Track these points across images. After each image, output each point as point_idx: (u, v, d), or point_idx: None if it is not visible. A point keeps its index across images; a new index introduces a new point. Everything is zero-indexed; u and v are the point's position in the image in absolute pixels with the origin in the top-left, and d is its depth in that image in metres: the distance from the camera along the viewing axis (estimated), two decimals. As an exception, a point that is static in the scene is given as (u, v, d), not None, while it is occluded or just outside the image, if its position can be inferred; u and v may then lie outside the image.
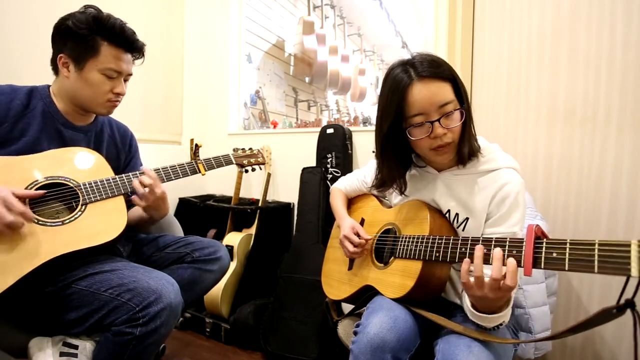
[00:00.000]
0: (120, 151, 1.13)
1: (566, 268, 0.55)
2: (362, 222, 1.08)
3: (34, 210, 0.86)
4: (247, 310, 1.65)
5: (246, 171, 1.36)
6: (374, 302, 0.86)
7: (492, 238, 0.68)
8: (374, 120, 2.47)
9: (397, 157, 0.90)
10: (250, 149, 1.37)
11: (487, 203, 0.82)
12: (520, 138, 1.37)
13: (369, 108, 3.92)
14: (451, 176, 0.88)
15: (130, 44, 0.96)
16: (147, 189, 0.95)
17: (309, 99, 3.45)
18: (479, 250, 0.67)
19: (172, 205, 2.04)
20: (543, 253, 0.58)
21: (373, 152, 1.61)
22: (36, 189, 0.86)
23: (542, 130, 1.32)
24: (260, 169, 1.46)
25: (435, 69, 0.79)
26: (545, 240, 0.59)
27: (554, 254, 0.57)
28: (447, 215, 0.88)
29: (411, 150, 0.91)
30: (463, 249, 0.72)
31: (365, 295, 0.98)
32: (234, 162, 1.26)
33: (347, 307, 1.14)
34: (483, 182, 0.84)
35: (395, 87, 0.81)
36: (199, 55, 2.31)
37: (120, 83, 0.97)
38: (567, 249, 0.55)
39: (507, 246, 0.65)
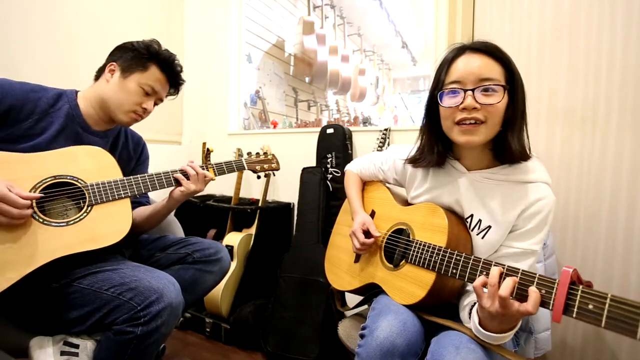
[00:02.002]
0: (132, 159, 1.15)
1: (602, 325, 0.50)
2: (372, 214, 1.04)
3: (43, 207, 0.86)
4: (247, 310, 1.65)
5: (258, 177, 1.29)
6: (380, 303, 0.84)
7: (518, 269, 0.62)
8: (374, 121, 2.48)
9: (435, 131, 0.84)
10: (264, 153, 1.30)
11: (515, 214, 0.77)
12: (520, 138, 1.37)
13: (369, 108, 3.92)
14: (480, 178, 0.82)
15: (173, 76, 1.10)
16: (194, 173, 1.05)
17: (309, 99, 3.45)
18: (511, 281, 0.61)
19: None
20: (577, 302, 0.53)
21: (374, 152, 1.63)
22: (44, 188, 0.86)
23: (542, 130, 1.32)
24: (274, 174, 1.39)
25: (492, 47, 0.75)
26: (581, 287, 0.54)
27: (590, 306, 0.51)
28: (469, 219, 0.83)
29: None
30: (485, 273, 0.66)
31: (369, 293, 0.97)
32: (246, 167, 1.21)
33: (349, 297, 1.13)
34: (516, 192, 0.78)
35: (444, 58, 0.80)
36: (199, 55, 2.31)
37: (150, 101, 1.05)
38: (607, 305, 0.50)
39: (535, 283, 0.59)
